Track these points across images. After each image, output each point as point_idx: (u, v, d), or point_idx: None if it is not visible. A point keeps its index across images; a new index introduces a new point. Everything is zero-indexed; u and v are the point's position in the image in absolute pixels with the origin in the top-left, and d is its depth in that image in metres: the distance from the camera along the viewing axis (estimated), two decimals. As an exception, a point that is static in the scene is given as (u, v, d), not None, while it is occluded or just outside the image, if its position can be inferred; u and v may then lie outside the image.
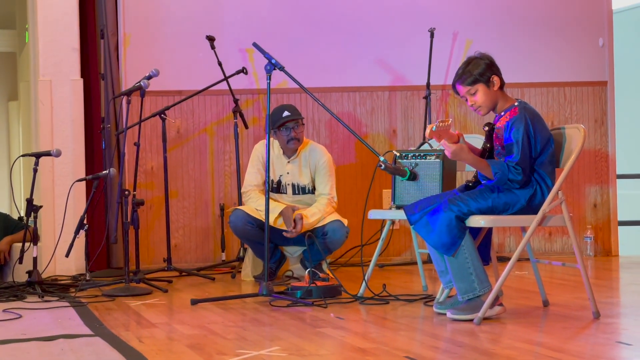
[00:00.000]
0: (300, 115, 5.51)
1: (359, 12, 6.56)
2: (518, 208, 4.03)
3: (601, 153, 6.77)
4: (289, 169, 5.56)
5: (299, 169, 5.57)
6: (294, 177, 5.57)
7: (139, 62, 6.31)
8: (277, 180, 5.57)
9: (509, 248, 6.62)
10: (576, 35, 6.76)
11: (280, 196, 5.58)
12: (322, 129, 6.53)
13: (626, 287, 5.43)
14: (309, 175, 5.57)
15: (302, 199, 5.59)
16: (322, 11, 6.49)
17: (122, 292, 5.05)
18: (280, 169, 5.58)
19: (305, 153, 5.57)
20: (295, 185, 5.57)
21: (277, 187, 5.58)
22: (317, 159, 5.56)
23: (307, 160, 5.57)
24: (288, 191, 5.57)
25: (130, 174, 6.07)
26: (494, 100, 4.10)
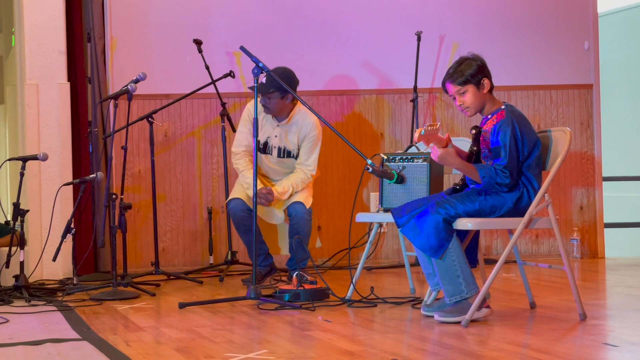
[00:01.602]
0: (272, 86, 5.34)
1: (346, 15, 6.57)
2: (505, 211, 4.05)
3: (587, 156, 6.80)
4: (277, 133, 5.56)
5: (286, 135, 5.55)
6: (281, 141, 5.57)
7: (126, 65, 6.30)
8: (264, 141, 5.57)
9: (496, 250, 6.64)
10: (562, 39, 6.79)
11: (265, 157, 5.60)
12: (310, 132, 6.52)
13: (612, 289, 5.45)
14: (296, 143, 5.56)
15: (286, 162, 5.59)
16: (309, 15, 6.50)
17: (110, 295, 5.04)
18: (269, 131, 5.57)
19: (296, 121, 5.56)
20: (281, 149, 5.58)
21: (263, 148, 5.59)
22: (307, 130, 5.56)
23: (297, 128, 5.56)
24: (273, 153, 5.58)
25: (117, 178, 6.06)
26: (482, 103, 4.12)
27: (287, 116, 5.54)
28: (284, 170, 5.62)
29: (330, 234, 6.50)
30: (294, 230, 5.48)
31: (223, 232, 6.37)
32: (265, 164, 5.63)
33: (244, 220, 5.47)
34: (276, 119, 5.54)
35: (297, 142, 5.56)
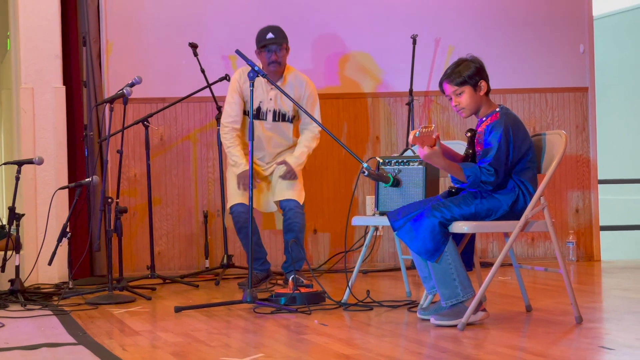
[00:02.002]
0: (284, 38, 5.51)
1: (341, 19, 6.58)
2: (501, 214, 4.05)
3: (583, 158, 6.81)
4: (272, 95, 5.55)
5: (282, 97, 5.53)
6: (277, 104, 5.56)
7: (121, 69, 6.30)
8: (256, 107, 5.55)
9: (492, 253, 6.65)
10: (557, 42, 6.79)
11: (259, 122, 5.57)
12: (305, 136, 6.52)
13: (608, 291, 5.46)
14: (292, 104, 5.53)
15: (281, 127, 5.58)
16: (305, 18, 6.50)
17: (106, 300, 5.03)
18: (261, 95, 5.56)
19: (291, 80, 5.58)
20: (276, 112, 5.57)
21: (256, 114, 5.57)
22: (302, 89, 5.58)
23: (292, 88, 5.57)
24: (268, 118, 5.56)
25: (113, 182, 6.06)
26: (478, 105, 4.12)
27: (282, 76, 5.56)
28: (278, 138, 5.56)
29: (326, 237, 6.50)
30: (287, 225, 5.51)
31: (219, 236, 6.37)
32: (258, 132, 5.56)
33: (245, 222, 5.46)
34: (270, 81, 5.38)
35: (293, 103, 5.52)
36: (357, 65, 6.61)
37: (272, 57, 5.49)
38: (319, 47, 6.56)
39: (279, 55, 5.51)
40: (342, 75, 6.60)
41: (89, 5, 6.30)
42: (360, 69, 6.61)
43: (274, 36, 5.49)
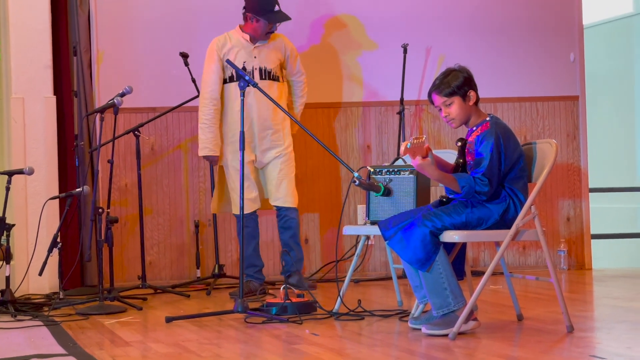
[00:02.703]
0: (288, 16, 5.64)
1: (331, 28, 6.58)
2: (491, 223, 4.06)
3: (574, 167, 6.82)
4: (255, 54, 5.62)
5: (267, 53, 5.63)
6: (261, 61, 5.62)
7: (112, 79, 6.29)
8: (241, 67, 5.56)
9: (484, 262, 6.65)
10: (548, 51, 6.81)
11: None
12: (296, 144, 6.51)
13: (600, 300, 5.46)
14: (277, 58, 5.67)
15: (267, 84, 5.59)
16: (295, 27, 6.50)
17: (96, 310, 5.02)
18: (244, 55, 5.61)
19: (272, 40, 5.71)
20: (262, 70, 5.62)
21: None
22: (284, 43, 5.75)
23: (274, 43, 5.70)
24: (255, 76, 5.58)
25: (104, 192, 6.04)
26: (467, 115, 4.13)
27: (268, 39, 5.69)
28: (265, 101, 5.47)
29: (317, 246, 6.49)
30: (284, 223, 5.63)
31: (210, 245, 6.36)
32: (250, 97, 5.53)
33: (253, 231, 5.64)
34: (252, 40, 5.61)
35: (278, 58, 5.66)
36: (348, 74, 6.61)
37: (269, 27, 5.60)
38: (308, 56, 6.56)
39: (276, 28, 5.67)
40: (332, 84, 6.59)
41: (79, 15, 6.29)
42: (351, 77, 6.61)
43: (280, 10, 5.61)
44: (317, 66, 6.46)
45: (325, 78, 6.57)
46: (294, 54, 5.81)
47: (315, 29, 6.61)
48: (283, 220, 5.66)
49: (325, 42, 6.61)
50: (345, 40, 6.61)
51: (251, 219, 5.66)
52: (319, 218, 6.49)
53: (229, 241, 6.43)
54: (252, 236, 5.68)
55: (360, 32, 6.63)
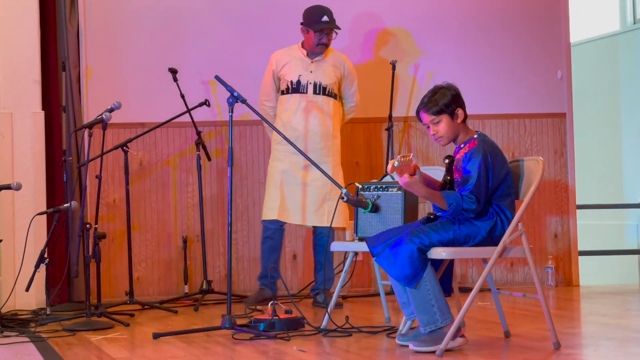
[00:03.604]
0: (338, 26, 5.80)
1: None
2: (479, 240, 4.07)
3: (561, 184, 6.84)
4: (312, 68, 5.79)
5: (324, 69, 5.81)
6: (317, 76, 5.79)
7: (101, 94, 6.30)
8: (296, 80, 5.77)
9: (472, 279, 6.65)
10: (536, 68, 6.84)
11: (300, 96, 5.79)
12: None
13: (587, 317, 5.48)
14: (334, 76, 5.84)
15: (322, 99, 5.80)
16: (285, 44, 6.51)
17: (83, 326, 5.00)
18: (300, 70, 5.80)
19: (330, 56, 5.87)
20: (317, 85, 5.78)
21: (296, 87, 5.79)
22: (342, 66, 5.89)
23: (332, 63, 5.85)
24: (309, 90, 5.77)
25: (92, 207, 6.03)
26: (455, 132, 4.14)
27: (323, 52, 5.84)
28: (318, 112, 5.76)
29: (306, 262, 6.49)
30: (317, 246, 5.83)
31: (198, 261, 6.35)
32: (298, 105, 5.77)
33: (277, 244, 5.86)
34: (310, 55, 5.81)
35: (335, 75, 5.82)
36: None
37: (323, 39, 5.78)
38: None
39: (330, 38, 5.82)
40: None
41: (68, 30, 6.30)
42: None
43: (329, 20, 5.77)
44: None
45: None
46: (352, 76, 5.94)
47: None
48: (317, 237, 5.85)
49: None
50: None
51: (278, 232, 5.86)
52: (308, 234, 6.48)
53: (217, 257, 6.43)
54: (275, 249, 5.86)
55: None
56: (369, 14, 6.68)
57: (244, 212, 6.48)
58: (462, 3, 6.78)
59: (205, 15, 6.52)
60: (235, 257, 6.42)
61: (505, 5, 6.82)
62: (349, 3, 6.59)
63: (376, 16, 6.69)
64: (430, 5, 6.74)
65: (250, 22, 6.56)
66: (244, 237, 6.48)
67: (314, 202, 5.76)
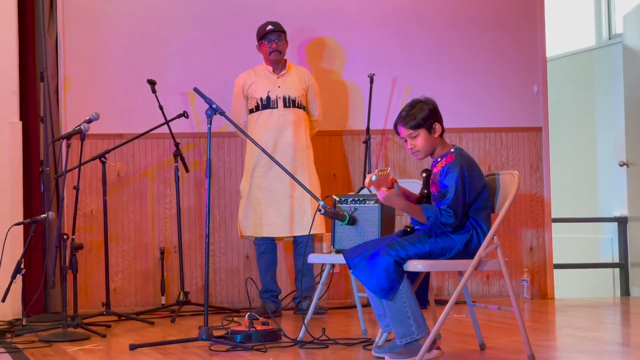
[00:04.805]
0: (283, 30, 5.96)
1: (298, 56, 6.63)
2: (455, 253, 4.10)
3: (537, 197, 6.90)
4: (279, 83, 5.91)
5: (291, 82, 5.95)
6: (285, 90, 5.90)
7: (79, 105, 6.29)
8: (265, 97, 5.88)
9: (447, 291, 6.69)
10: (512, 82, 6.91)
11: (270, 112, 5.90)
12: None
13: (561, 330, 5.52)
14: (301, 88, 5.97)
15: (292, 113, 5.92)
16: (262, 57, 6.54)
17: (60, 337, 4.99)
18: (268, 85, 5.91)
19: (294, 70, 6.02)
20: (286, 98, 5.90)
21: (266, 104, 5.90)
22: (307, 79, 6.03)
23: (297, 76, 6.00)
24: (279, 105, 5.90)
25: (69, 218, 6.02)
26: (433, 146, 4.18)
27: (285, 66, 5.98)
28: (290, 124, 5.90)
29: (283, 274, 6.50)
30: (297, 255, 5.95)
31: (175, 272, 6.34)
32: (270, 120, 5.89)
33: (272, 259, 6.02)
34: (275, 71, 5.93)
35: (302, 88, 5.95)
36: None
37: (272, 46, 5.92)
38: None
39: (279, 44, 5.93)
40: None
41: (47, 40, 6.30)
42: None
43: (273, 27, 5.92)
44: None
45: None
46: (315, 89, 6.10)
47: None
48: (298, 247, 5.96)
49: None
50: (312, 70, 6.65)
51: (270, 247, 6.00)
52: (285, 246, 6.50)
53: (195, 268, 6.43)
54: (271, 263, 6.00)
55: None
56: (345, 31, 6.73)
57: (221, 224, 6.49)
58: (439, 17, 6.83)
59: (184, 27, 6.54)
60: (213, 269, 6.43)
61: (482, 19, 6.88)
62: (311, 16, 6.64)
63: (352, 33, 6.74)
64: (406, 20, 6.79)
65: (229, 35, 6.58)
66: (222, 249, 6.49)
67: (297, 213, 5.87)
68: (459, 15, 6.86)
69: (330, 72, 6.67)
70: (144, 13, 6.50)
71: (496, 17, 6.90)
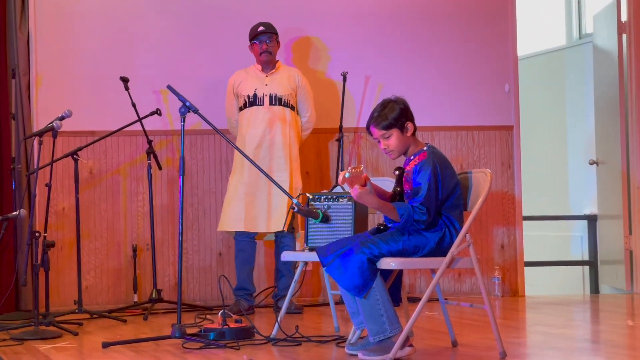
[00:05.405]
0: (275, 31, 6.02)
1: (285, 55, 6.62)
2: (428, 250, 4.13)
3: (508, 195, 6.95)
4: (267, 82, 5.97)
5: (279, 81, 5.99)
6: (272, 89, 5.96)
7: (50, 102, 6.26)
8: (252, 94, 5.94)
9: (419, 289, 6.72)
10: (484, 81, 6.95)
11: (257, 109, 5.95)
12: (236, 171, 6.54)
13: (532, 327, 5.57)
14: (290, 87, 6.00)
15: (279, 109, 5.95)
16: (237, 54, 6.54)
17: (31, 335, 4.97)
18: (256, 83, 5.97)
19: (283, 70, 6.05)
20: (272, 96, 5.95)
21: (253, 101, 5.95)
22: (296, 79, 6.07)
23: (286, 76, 6.04)
24: (265, 102, 5.95)
25: (41, 215, 5.99)
26: (406, 145, 4.20)
27: (275, 66, 6.04)
28: (276, 121, 5.93)
29: (255, 272, 6.50)
30: (278, 254, 5.88)
31: (148, 270, 6.33)
32: (256, 116, 5.93)
33: (250, 257, 6.00)
34: (264, 70, 5.99)
35: (291, 88, 6.01)
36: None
37: (263, 46, 5.98)
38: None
39: (270, 45, 5.99)
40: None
41: (19, 37, 6.26)
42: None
43: (265, 28, 5.99)
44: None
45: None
46: (306, 90, 6.12)
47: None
48: (280, 246, 5.94)
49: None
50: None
51: (249, 244, 5.99)
52: (258, 244, 6.50)
53: (167, 266, 6.42)
54: (247, 261, 6.00)
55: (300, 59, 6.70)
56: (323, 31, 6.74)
57: (194, 221, 6.48)
58: (411, 16, 6.86)
59: (157, 25, 6.52)
60: (185, 266, 6.42)
61: (454, 19, 6.92)
62: (286, 15, 6.65)
63: (332, 33, 6.75)
64: (378, 18, 6.81)
65: (202, 33, 6.57)
66: (194, 246, 6.48)
67: (275, 210, 5.88)
68: (431, 14, 6.89)
69: (316, 71, 6.68)
70: (116, 10, 6.48)
71: (468, 16, 6.94)
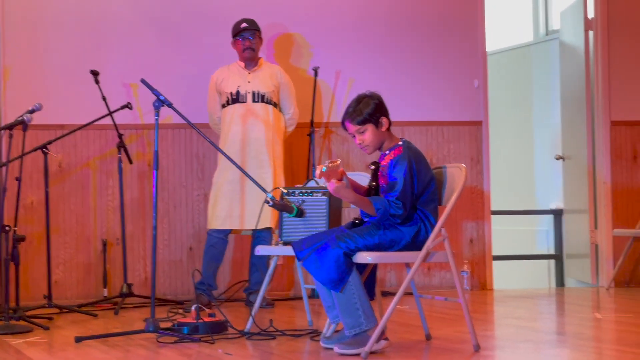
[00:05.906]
0: (257, 28, 6.04)
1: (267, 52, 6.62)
2: (403, 244, 4.15)
3: (477, 190, 7.00)
4: (250, 79, 5.98)
5: (261, 78, 6.01)
6: (255, 86, 5.97)
7: (19, 95, 6.21)
8: (235, 91, 5.95)
9: (390, 283, 6.76)
10: (453, 77, 6.99)
11: (239, 106, 5.97)
12: (207, 165, 6.54)
13: (501, 320, 5.62)
14: (272, 85, 6.01)
15: (260, 107, 5.98)
16: (207, 48, 6.53)
17: (2, 330, 4.92)
18: (239, 80, 5.98)
19: (265, 67, 6.06)
20: (255, 93, 5.96)
21: (236, 98, 5.97)
22: (279, 76, 6.08)
23: (268, 73, 6.05)
24: (248, 99, 5.96)
25: (10, 209, 5.93)
26: (381, 140, 4.22)
27: (257, 63, 5.99)
28: (258, 118, 5.94)
29: (228, 266, 6.50)
30: (254, 249, 5.83)
31: (118, 264, 6.30)
32: (238, 113, 5.95)
33: (220, 254, 6.00)
34: (247, 67, 6.00)
35: (273, 85, 6.02)
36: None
37: (246, 43, 5.99)
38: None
39: (253, 42, 6.00)
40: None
41: (-13, 29, 6.19)
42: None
43: (248, 25, 6.00)
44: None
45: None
46: (288, 87, 6.11)
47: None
48: (256, 240, 5.93)
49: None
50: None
51: (221, 242, 5.98)
52: (230, 238, 6.49)
53: (137, 260, 6.39)
54: (216, 258, 5.99)
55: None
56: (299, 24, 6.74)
57: (164, 216, 6.46)
58: (382, 11, 6.89)
59: (127, 18, 6.49)
60: (156, 260, 6.38)
61: (423, 14, 6.95)
62: (261, 9, 6.65)
63: (307, 28, 6.76)
64: (348, 14, 6.83)
65: (173, 26, 6.55)
66: (165, 241, 6.46)
67: (253, 208, 5.86)
68: (401, 9, 6.92)
69: (297, 68, 6.68)
70: (87, 3, 6.43)
71: (438, 12, 6.98)
